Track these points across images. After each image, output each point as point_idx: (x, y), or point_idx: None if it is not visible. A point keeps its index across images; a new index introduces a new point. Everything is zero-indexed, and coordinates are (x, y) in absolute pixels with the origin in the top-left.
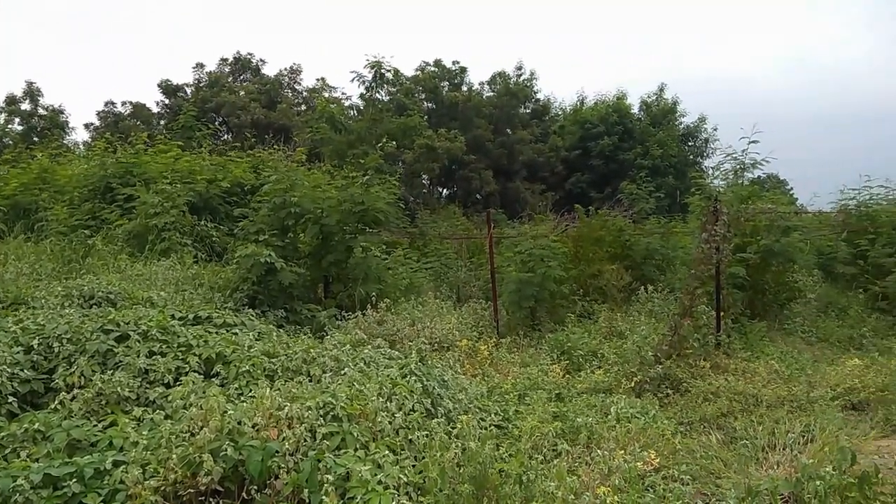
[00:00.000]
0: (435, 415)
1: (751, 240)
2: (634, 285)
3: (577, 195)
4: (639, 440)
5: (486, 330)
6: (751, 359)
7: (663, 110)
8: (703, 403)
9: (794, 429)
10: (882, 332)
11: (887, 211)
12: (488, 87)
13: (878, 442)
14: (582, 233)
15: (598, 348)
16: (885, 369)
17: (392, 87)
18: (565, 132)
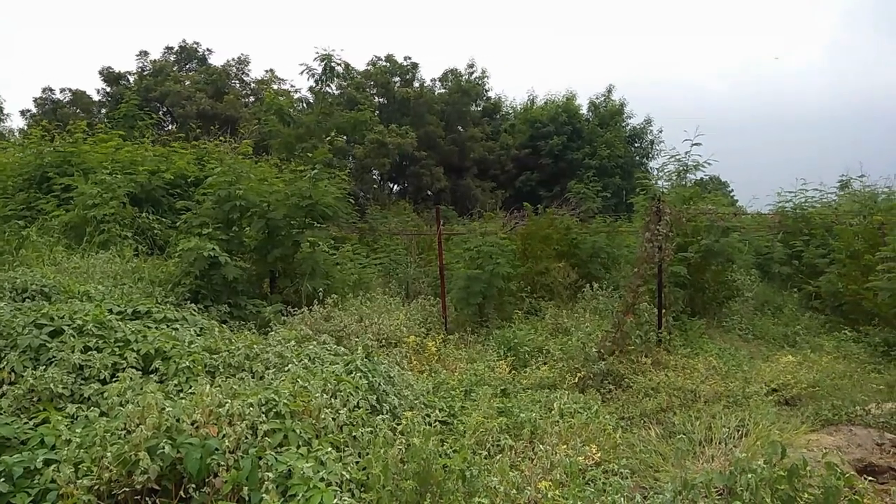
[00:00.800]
0: (380, 411)
1: (692, 240)
2: (580, 283)
3: (527, 193)
4: (581, 435)
5: (435, 326)
6: (690, 355)
7: (611, 112)
8: (644, 399)
9: (730, 423)
10: (814, 330)
11: (821, 213)
12: (440, 83)
13: (808, 436)
14: (530, 231)
15: (544, 344)
16: (817, 366)
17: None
18: (516, 131)
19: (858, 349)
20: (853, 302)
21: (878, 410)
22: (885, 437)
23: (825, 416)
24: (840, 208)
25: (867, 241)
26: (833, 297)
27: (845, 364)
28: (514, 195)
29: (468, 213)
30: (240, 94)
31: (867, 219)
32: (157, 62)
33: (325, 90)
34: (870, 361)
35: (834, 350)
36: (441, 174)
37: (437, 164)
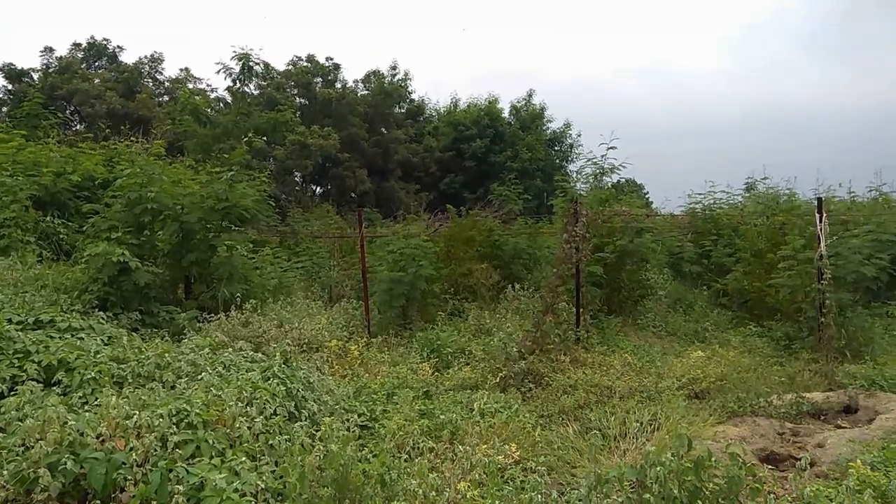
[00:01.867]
0: (299, 418)
1: (608, 240)
2: (503, 284)
3: (451, 195)
4: (501, 434)
5: (358, 330)
6: (607, 353)
7: (532, 115)
8: (563, 396)
9: (643, 418)
10: (722, 326)
11: (728, 214)
12: (362, 85)
13: (715, 427)
14: (453, 233)
15: (466, 346)
16: (724, 360)
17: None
18: (439, 133)
19: (762, 343)
20: (757, 298)
21: (780, 401)
22: (786, 427)
23: (731, 408)
24: (746, 209)
25: (769, 240)
26: (739, 294)
27: (750, 358)
28: (438, 197)
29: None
30: (153, 93)
31: (770, 219)
32: (64, 59)
33: (243, 90)
34: (773, 355)
35: (740, 345)
36: (365, 176)
37: (361, 166)
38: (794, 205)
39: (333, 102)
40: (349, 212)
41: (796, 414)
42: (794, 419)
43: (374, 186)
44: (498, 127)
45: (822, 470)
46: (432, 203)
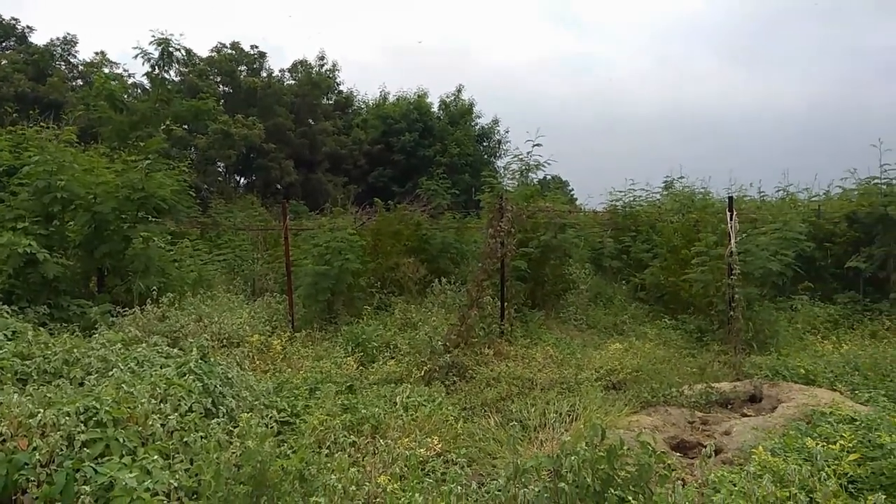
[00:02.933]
0: (216, 414)
1: (532, 235)
2: (430, 278)
3: (380, 189)
4: (424, 427)
5: (281, 324)
6: (530, 345)
7: (461, 110)
8: (486, 388)
9: (562, 409)
10: (640, 319)
11: (646, 211)
12: (289, 75)
13: (630, 417)
14: (381, 226)
15: (392, 339)
16: (641, 352)
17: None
18: (368, 126)
19: (677, 336)
20: (672, 293)
21: (691, 391)
22: (696, 416)
23: (645, 398)
24: (663, 207)
25: (684, 237)
26: (656, 288)
27: (665, 350)
28: (367, 190)
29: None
30: (66, 76)
31: (685, 217)
32: None
33: (162, 76)
34: (686, 347)
35: (656, 337)
36: (291, 168)
37: (287, 157)
38: (708, 203)
39: (259, 91)
40: (274, 203)
41: (706, 403)
42: (703, 408)
43: (301, 178)
44: (427, 121)
45: (728, 456)
46: (360, 196)
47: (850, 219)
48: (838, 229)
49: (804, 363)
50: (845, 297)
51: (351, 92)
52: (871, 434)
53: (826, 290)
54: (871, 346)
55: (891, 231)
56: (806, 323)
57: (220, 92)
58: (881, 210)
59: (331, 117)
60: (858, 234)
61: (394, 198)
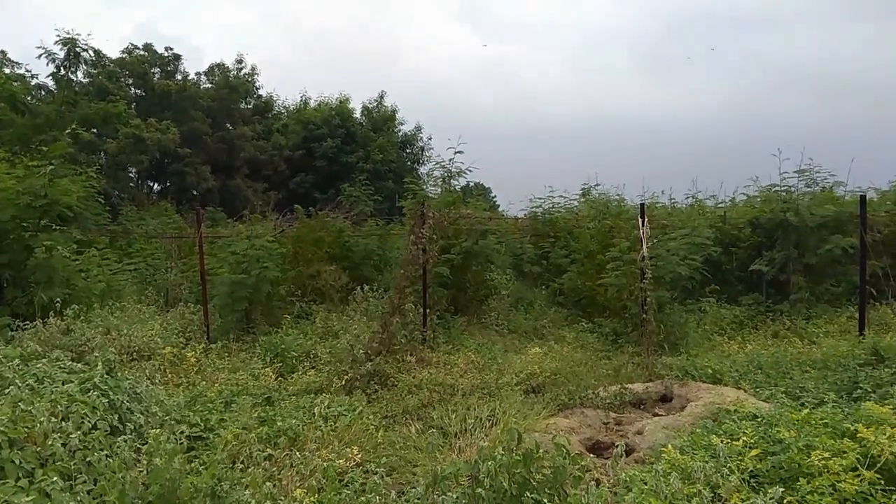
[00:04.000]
0: (123, 431)
1: (454, 242)
2: (352, 285)
3: (302, 195)
4: (344, 437)
5: (196, 335)
6: (452, 351)
7: (384, 117)
8: (407, 396)
9: (483, 414)
10: (559, 323)
11: (564, 218)
12: (206, 78)
13: (547, 420)
14: (302, 233)
15: (312, 349)
16: (559, 355)
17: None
18: (289, 131)
19: (593, 338)
20: (589, 297)
21: (606, 393)
22: (610, 416)
23: (562, 400)
24: (580, 213)
25: (600, 242)
26: (574, 292)
27: (582, 353)
28: (287, 197)
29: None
30: None
31: (600, 223)
32: None
33: (68, 77)
34: (602, 349)
35: (574, 340)
36: (208, 173)
37: (204, 162)
38: (623, 210)
39: (173, 95)
40: (190, 210)
41: (620, 404)
42: (618, 409)
43: (219, 184)
44: (349, 127)
45: (640, 455)
46: (281, 203)
47: (753, 224)
48: (742, 234)
49: (711, 363)
50: (749, 299)
51: (271, 96)
52: (771, 430)
53: (732, 292)
54: (773, 346)
55: (790, 236)
56: (713, 324)
57: (132, 95)
58: (781, 216)
59: (250, 122)
60: (761, 239)
61: (315, 204)
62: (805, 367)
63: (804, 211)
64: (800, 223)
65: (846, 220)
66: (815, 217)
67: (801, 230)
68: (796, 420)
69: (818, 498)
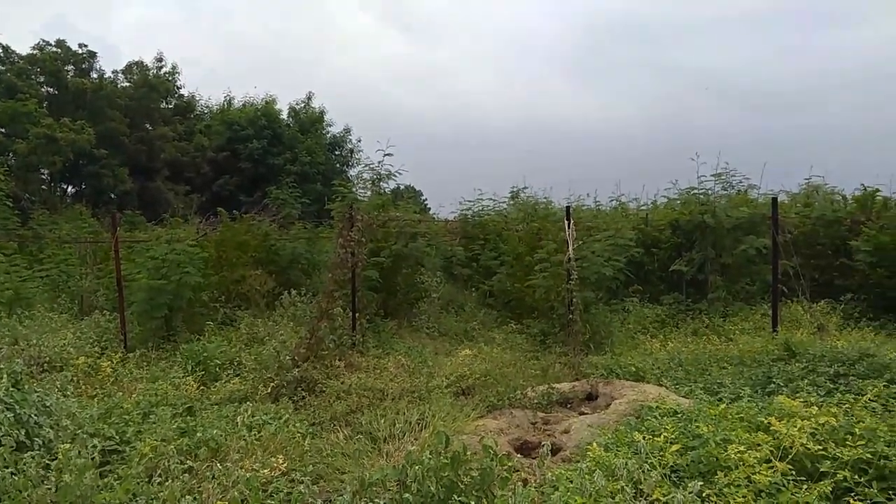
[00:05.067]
0: (30, 447)
1: (384, 245)
2: (279, 290)
3: (226, 198)
4: (269, 446)
5: (112, 344)
6: (382, 355)
7: (311, 118)
8: (336, 402)
9: (412, 418)
10: (489, 325)
11: (494, 221)
12: (123, 76)
13: (477, 422)
14: (225, 237)
15: (237, 356)
16: (489, 357)
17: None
18: (212, 132)
19: (522, 339)
20: (518, 298)
21: (534, 393)
22: (538, 416)
23: (492, 402)
24: (509, 216)
25: (528, 244)
26: (503, 294)
27: (511, 354)
28: (211, 199)
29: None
30: None
31: (529, 225)
32: None
33: None
34: (530, 350)
35: (503, 342)
36: (126, 175)
37: (122, 164)
38: (550, 212)
39: (88, 93)
40: (107, 214)
41: (547, 404)
42: (545, 408)
43: (138, 187)
44: (276, 128)
45: (567, 454)
46: (205, 205)
47: (673, 226)
48: (663, 236)
49: (635, 361)
50: (670, 299)
51: (193, 96)
52: (690, 425)
53: (654, 292)
54: (693, 343)
55: (707, 237)
56: (637, 323)
57: (44, 93)
58: (699, 218)
59: (171, 122)
60: (681, 240)
61: (241, 207)
62: (722, 364)
63: (720, 213)
64: (716, 225)
65: (759, 221)
66: (731, 219)
67: (718, 231)
68: (714, 415)
69: (734, 490)
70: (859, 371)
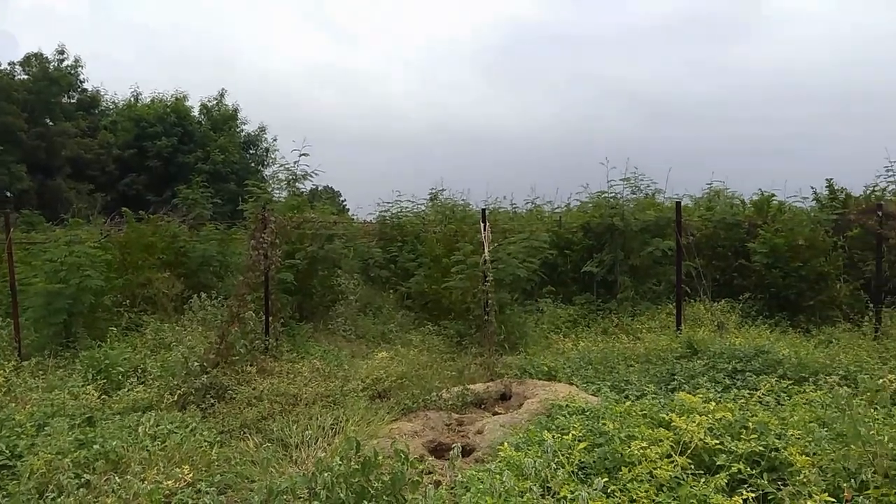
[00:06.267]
0: None
1: (299, 247)
2: (188, 293)
3: (133, 197)
4: (174, 457)
5: (5, 352)
6: (296, 360)
7: (224, 116)
8: (246, 409)
9: (326, 423)
10: (406, 327)
11: (412, 222)
12: (21, 68)
13: (391, 425)
14: (131, 239)
15: (142, 363)
16: (405, 359)
17: None
18: (119, 129)
19: (439, 341)
20: (435, 300)
21: (449, 394)
22: (453, 418)
23: (407, 404)
24: (428, 218)
25: (445, 246)
26: (421, 296)
27: (428, 355)
28: (117, 199)
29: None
30: None
31: (446, 227)
32: None
33: None
34: (447, 351)
35: (420, 343)
36: (23, 173)
37: (19, 160)
38: (468, 214)
39: None
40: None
41: (462, 405)
42: (460, 410)
43: (37, 185)
44: (187, 126)
45: (480, 455)
46: (110, 205)
47: (585, 228)
48: (576, 238)
49: (547, 361)
50: (582, 299)
51: (98, 91)
52: (598, 423)
53: (567, 292)
54: (603, 342)
55: (617, 239)
56: (550, 323)
57: None
58: (609, 221)
59: (73, 118)
60: (592, 242)
61: (149, 207)
62: (630, 362)
63: (629, 216)
64: (625, 227)
65: (665, 224)
66: (639, 222)
67: (627, 234)
68: (619, 412)
69: (637, 485)
70: (755, 367)
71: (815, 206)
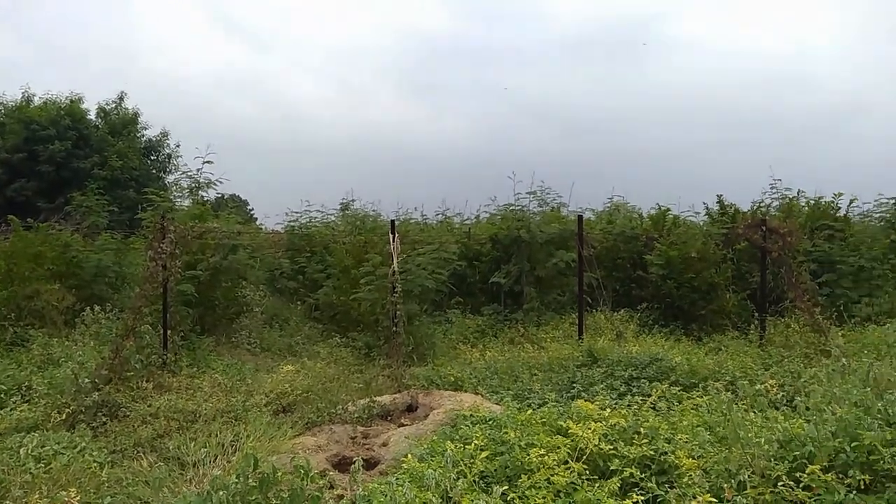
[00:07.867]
0: None
1: (201, 257)
2: (80, 306)
3: (22, 204)
4: (59, 480)
5: None
6: (196, 374)
7: (124, 120)
8: (141, 427)
9: (226, 439)
10: (314, 339)
11: (321, 232)
12: None
13: (295, 440)
14: (17, 248)
15: (27, 380)
16: (312, 372)
17: None
18: (6, 131)
19: (347, 353)
20: (344, 311)
21: (355, 407)
22: (358, 431)
23: (311, 418)
24: (338, 228)
25: (355, 257)
26: (329, 307)
27: (336, 368)
28: (5, 205)
29: None
30: None
31: (356, 238)
32: None
33: None
34: (355, 363)
35: (328, 356)
36: None
37: None
38: (378, 225)
39: None
40: None
41: (368, 417)
42: (366, 422)
43: None
44: (82, 129)
45: (384, 468)
46: None
47: (493, 240)
48: (484, 249)
49: (454, 371)
50: (490, 309)
51: None
52: (499, 432)
53: (475, 303)
54: (509, 352)
55: (523, 251)
56: (459, 334)
57: None
58: (516, 233)
59: None
60: (500, 254)
61: (39, 215)
62: (534, 371)
63: (535, 228)
64: (531, 239)
65: (569, 236)
66: (544, 234)
67: (533, 246)
68: (521, 421)
69: (535, 492)
70: (650, 374)
71: (706, 220)
